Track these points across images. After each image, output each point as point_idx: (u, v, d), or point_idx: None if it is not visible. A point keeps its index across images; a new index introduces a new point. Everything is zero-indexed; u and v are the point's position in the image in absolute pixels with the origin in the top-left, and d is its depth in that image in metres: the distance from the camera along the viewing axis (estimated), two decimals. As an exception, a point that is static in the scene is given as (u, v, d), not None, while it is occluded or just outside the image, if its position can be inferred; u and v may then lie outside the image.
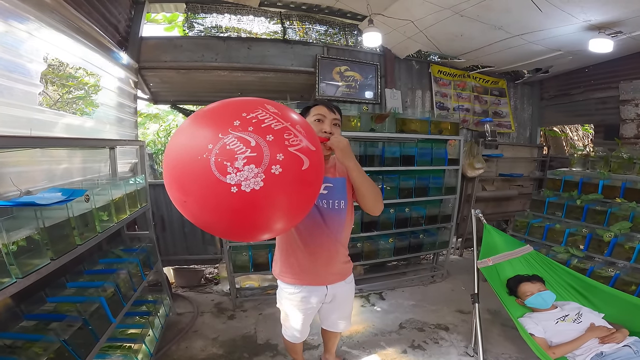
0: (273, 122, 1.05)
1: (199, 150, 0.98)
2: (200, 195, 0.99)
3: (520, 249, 2.42)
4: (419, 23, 3.29)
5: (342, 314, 1.74)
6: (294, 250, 1.53)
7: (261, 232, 1.08)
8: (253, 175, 0.93)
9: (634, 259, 2.52)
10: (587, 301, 2.23)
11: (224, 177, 0.93)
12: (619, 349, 1.76)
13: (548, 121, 5.42)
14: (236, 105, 1.14)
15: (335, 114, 1.51)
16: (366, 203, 1.47)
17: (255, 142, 0.98)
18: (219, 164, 0.95)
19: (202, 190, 0.97)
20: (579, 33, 3.28)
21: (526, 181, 5.09)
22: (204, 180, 0.95)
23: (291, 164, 0.99)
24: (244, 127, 1.02)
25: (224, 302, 3.15)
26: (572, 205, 3.03)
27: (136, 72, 3.26)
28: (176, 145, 1.06)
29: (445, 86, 4.54)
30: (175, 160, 1.04)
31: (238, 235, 1.17)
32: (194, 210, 1.04)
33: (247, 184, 0.93)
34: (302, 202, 1.08)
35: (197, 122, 1.10)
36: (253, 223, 1.02)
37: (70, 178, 2.11)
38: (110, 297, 1.81)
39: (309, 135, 1.09)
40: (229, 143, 0.98)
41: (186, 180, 1.01)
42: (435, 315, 2.88)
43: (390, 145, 3.25)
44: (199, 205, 1.02)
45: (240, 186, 0.92)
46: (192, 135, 1.06)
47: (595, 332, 1.88)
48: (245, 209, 0.96)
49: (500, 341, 2.46)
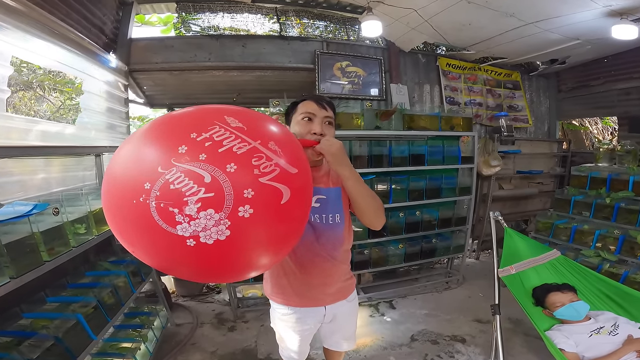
0: (235, 143, 0.78)
1: (132, 191, 0.74)
2: (148, 248, 0.78)
3: (547, 254, 2.22)
4: (422, 12, 3.11)
5: (345, 334, 1.54)
6: (285, 272, 1.32)
7: (241, 275, 0.89)
8: (213, 224, 0.71)
9: None
10: (623, 310, 2.03)
11: (173, 228, 0.71)
12: None
13: (567, 114, 5.22)
14: (183, 120, 0.86)
15: (327, 110, 1.27)
16: (365, 217, 1.26)
17: (212, 176, 0.73)
18: (163, 210, 0.71)
19: (149, 243, 0.76)
20: (598, 19, 3.06)
21: (546, 178, 4.90)
22: (146, 231, 0.74)
23: (265, 200, 0.76)
24: (193, 154, 0.75)
25: (225, 312, 3.04)
26: (600, 203, 2.87)
27: (126, 74, 3.18)
28: (108, 178, 0.83)
29: (455, 80, 4.36)
30: (108, 200, 0.82)
31: (213, 281, 0.96)
32: (146, 261, 0.83)
33: (207, 235, 0.71)
34: (285, 239, 0.87)
35: (133, 146, 0.83)
36: (226, 272, 0.83)
37: (49, 189, 2.00)
38: (91, 313, 1.73)
39: (289, 153, 0.85)
40: (174, 180, 0.72)
41: (124, 228, 0.79)
42: (451, 326, 2.71)
43: (398, 144, 3.08)
44: (150, 258, 0.82)
45: (198, 238, 0.71)
46: (125, 167, 0.80)
47: (633, 345, 1.70)
48: (211, 262, 0.76)
49: (523, 353, 2.31)
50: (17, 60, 1.95)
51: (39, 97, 4.48)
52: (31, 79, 4.08)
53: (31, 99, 4.50)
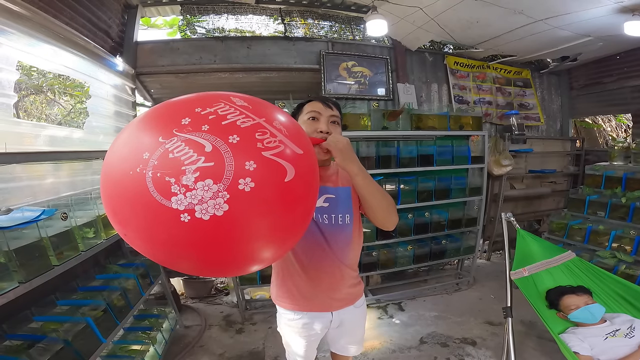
0: (240, 118, 0.75)
1: (130, 162, 0.70)
2: (140, 226, 0.72)
3: (561, 255, 2.15)
4: (428, 10, 3.07)
5: (352, 340, 1.51)
6: (291, 275, 1.29)
7: (241, 267, 0.82)
8: (211, 196, 0.65)
9: None
10: (639, 313, 1.96)
11: (167, 201, 0.66)
12: None
13: (580, 112, 5.12)
14: (189, 99, 0.85)
15: (333, 110, 1.26)
16: (376, 216, 1.21)
17: (213, 145, 0.69)
18: (158, 180, 0.67)
19: (141, 219, 0.70)
20: (610, 16, 3.00)
21: (559, 177, 4.80)
22: (140, 205, 0.69)
23: (268, 175, 0.70)
24: (195, 125, 0.72)
25: (233, 314, 3.04)
26: (616, 203, 2.80)
27: (133, 78, 3.19)
28: (108, 157, 0.80)
29: (464, 78, 4.29)
30: (105, 178, 0.78)
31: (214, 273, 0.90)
32: (139, 245, 0.77)
33: (204, 208, 0.65)
34: (289, 225, 0.80)
35: (135, 125, 0.82)
36: (225, 259, 0.75)
37: (58, 193, 2.01)
38: (100, 316, 1.73)
39: (295, 135, 0.82)
40: (173, 149, 0.69)
41: (118, 205, 0.74)
42: (461, 328, 2.66)
43: (406, 144, 3.05)
44: (142, 239, 0.75)
45: (193, 212, 0.65)
46: (125, 142, 0.77)
47: None
48: (208, 243, 0.69)
49: (536, 356, 2.27)
50: (27, 65, 1.97)
51: (50, 101, 4.54)
52: (41, 83, 4.13)
53: (42, 102, 4.56)
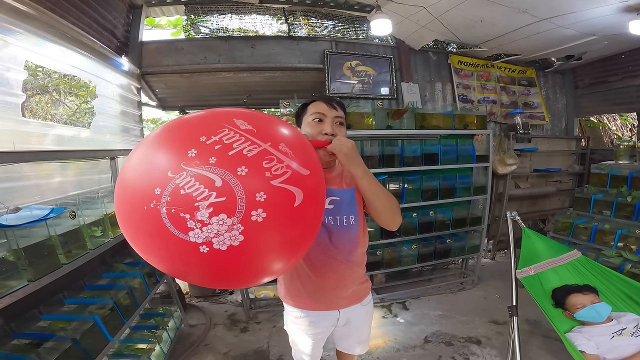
0: (246, 146, 0.77)
1: (143, 197, 0.73)
2: (160, 255, 0.77)
3: (567, 254, 2.14)
4: (432, 9, 3.06)
5: (359, 338, 1.51)
6: (298, 275, 1.31)
7: (255, 281, 0.87)
8: (226, 229, 0.69)
9: None
10: None
11: (185, 235, 0.69)
12: None
13: (585, 111, 5.08)
14: (191, 125, 0.84)
15: (338, 110, 1.25)
16: (380, 217, 1.23)
17: (222, 180, 0.71)
18: (174, 216, 0.70)
19: (161, 249, 0.75)
20: (614, 15, 2.98)
21: (564, 176, 4.78)
22: (159, 238, 0.72)
23: (278, 203, 0.74)
24: (203, 158, 0.74)
25: (238, 313, 3.05)
26: (622, 202, 2.79)
27: (139, 78, 3.21)
28: (119, 184, 0.82)
29: (468, 77, 4.28)
30: (119, 207, 0.81)
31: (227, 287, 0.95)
32: (161, 268, 0.82)
33: (220, 240, 0.69)
34: (300, 242, 0.85)
35: (143, 153, 0.82)
36: (240, 278, 0.82)
37: (65, 192, 2.03)
38: (108, 315, 1.74)
39: (300, 154, 0.84)
40: (184, 185, 0.71)
41: (137, 235, 0.78)
42: (466, 327, 2.65)
43: (410, 143, 3.04)
44: (163, 265, 0.80)
45: (211, 244, 0.69)
46: (135, 173, 0.79)
47: None
48: (225, 268, 0.75)
49: (541, 355, 2.26)
50: (32, 65, 1.99)
51: (55, 100, 4.57)
52: (47, 83, 4.16)
53: (47, 102, 4.59)
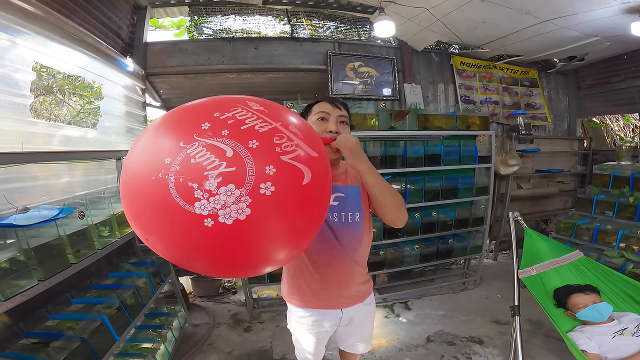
0: (257, 123, 0.78)
1: (152, 167, 0.73)
2: (163, 231, 0.74)
3: (569, 255, 2.16)
4: (435, 11, 3.07)
5: (361, 337, 1.53)
6: (302, 272, 1.32)
7: (257, 268, 0.85)
8: (234, 201, 0.67)
9: None
10: None
11: (190, 206, 0.68)
12: None
13: (587, 112, 5.09)
14: (206, 104, 0.87)
15: (342, 110, 1.28)
16: (386, 213, 1.23)
17: (233, 150, 0.71)
18: (181, 185, 0.69)
19: (164, 224, 0.72)
20: (617, 16, 2.98)
21: (567, 177, 4.78)
22: (163, 211, 0.70)
23: (287, 178, 0.73)
24: (216, 130, 0.75)
25: (241, 312, 3.07)
26: (624, 203, 2.79)
27: (143, 78, 3.23)
28: (128, 161, 0.82)
29: (470, 78, 4.29)
30: (126, 182, 0.80)
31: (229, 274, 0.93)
32: (160, 250, 0.79)
33: (227, 213, 0.67)
34: (306, 227, 0.83)
35: (154, 129, 0.84)
36: (244, 261, 0.78)
37: (72, 193, 2.05)
38: (114, 314, 1.76)
39: (309, 138, 0.84)
40: (195, 154, 0.71)
41: (140, 210, 0.76)
42: (468, 327, 2.67)
43: (413, 144, 3.05)
44: (164, 244, 0.78)
45: (217, 217, 0.67)
46: (145, 146, 0.80)
47: None
48: (230, 246, 0.71)
49: (543, 355, 2.27)
50: (37, 65, 2.02)
51: (59, 101, 4.60)
52: (51, 84, 4.19)
53: (52, 103, 4.62)
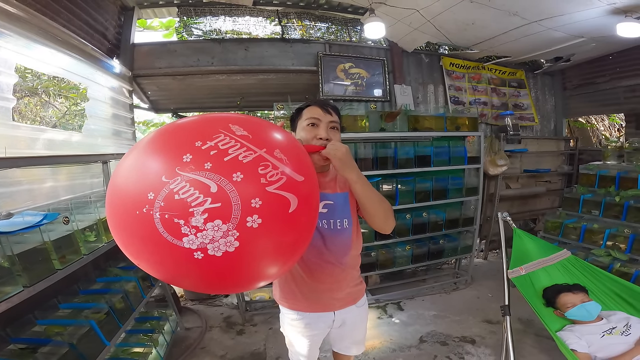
0: (241, 152, 0.77)
1: (136, 202, 0.72)
2: (153, 261, 0.75)
3: (557, 254, 2.19)
4: (425, 12, 3.10)
5: (354, 339, 1.53)
6: (293, 277, 1.32)
7: (250, 286, 0.87)
8: (222, 235, 0.68)
9: None
10: (635, 310, 2.00)
11: (179, 241, 0.68)
12: None
13: (573, 112, 5.18)
14: (187, 130, 0.84)
15: (332, 115, 1.27)
16: (374, 221, 1.25)
17: (218, 185, 0.71)
18: (167, 222, 0.69)
19: (154, 256, 0.74)
20: (603, 17, 3.04)
21: (554, 177, 4.86)
22: (152, 244, 0.71)
23: (273, 209, 0.74)
24: (198, 163, 0.73)
25: (234, 315, 3.04)
26: (610, 202, 2.83)
27: (130, 80, 3.18)
28: (111, 189, 0.80)
29: (459, 79, 4.33)
30: (110, 212, 0.79)
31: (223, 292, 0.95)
32: (153, 273, 0.81)
33: (215, 247, 0.69)
34: (294, 247, 0.85)
35: (135, 157, 0.81)
36: (234, 284, 0.81)
37: (57, 197, 2.01)
38: (103, 319, 1.73)
39: (295, 161, 0.84)
40: (179, 190, 0.70)
41: (128, 240, 0.77)
42: (460, 327, 2.68)
43: (403, 145, 3.07)
44: (156, 271, 0.79)
45: (206, 250, 0.69)
46: (128, 177, 0.78)
47: None
48: (220, 274, 0.74)
49: (534, 354, 2.28)
50: (21, 67, 1.98)
51: (44, 103, 4.50)
52: (36, 85, 4.10)
53: (37, 105, 4.52)
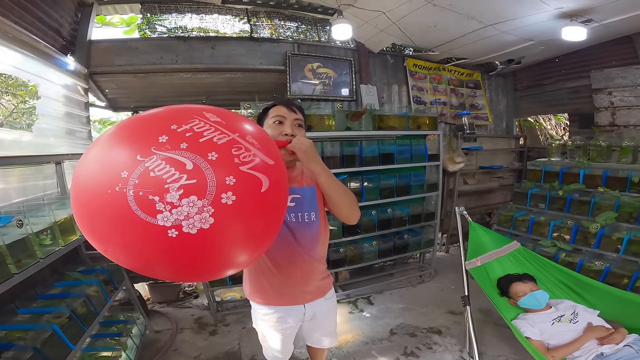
0: (216, 135, 0.80)
1: (107, 181, 0.71)
2: (124, 243, 0.74)
3: (508, 245, 2.34)
4: (391, 14, 3.19)
5: (325, 331, 1.59)
6: (263, 272, 1.36)
7: (220, 272, 0.87)
8: (197, 211, 0.69)
9: (622, 250, 2.46)
10: (580, 298, 2.17)
11: (152, 218, 0.68)
12: (619, 349, 1.69)
13: (523, 112, 5.47)
14: (161, 115, 0.87)
15: (297, 113, 1.32)
16: (340, 211, 1.30)
17: (193, 163, 0.73)
18: (141, 199, 0.69)
19: (125, 236, 0.72)
20: (550, 21, 3.22)
21: (506, 173, 5.12)
22: (123, 224, 0.70)
23: (246, 187, 0.77)
24: (174, 143, 0.75)
25: (205, 316, 2.99)
26: (554, 196, 2.99)
27: (86, 78, 3.03)
28: (78, 174, 0.79)
29: (422, 80, 4.49)
30: (77, 196, 0.77)
31: (191, 279, 0.94)
32: (122, 260, 0.79)
33: (190, 223, 0.69)
34: (266, 230, 0.87)
35: (106, 142, 0.81)
36: (207, 266, 0.80)
37: (8, 200, 1.90)
38: (66, 323, 1.68)
39: (266, 146, 0.88)
40: (154, 168, 0.71)
41: (96, 223, 0.75)
42: (427, 318, 2.79)
43: (369, 144, 3.14)
44: (126, 255, 0.77)
45: (180, 227, 0.68)
46: (97, 159, 0.78)
47: (593, 333, 1.81)
48: (194, 254, 0.73)
49: (494, 342, 2.39)
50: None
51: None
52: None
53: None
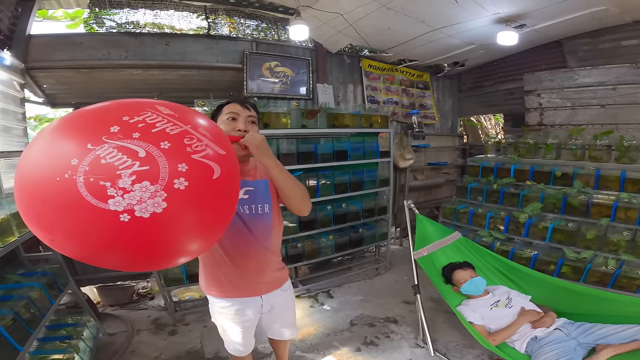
0: (168, 126, 0.82)
1: (55, 169, 0.71)
2: (72, 230, 0.73)
3: (450, 236, 2.52)
4: (348, 16, 3.27)
5: (285, 323, 1.64)
6: (218, 264, 1.38)
7: (172, 260, 0.87)
8: (149, 196, 0.70)
9: (548, 238, 2.74)
10: (513, 284, 2.35)
11: (104, 203, 0.68)
12: (550, 332, 1.84)
13: (466, 112, 5.83)
14: (112, 107, 0.87)
15: (250, 110, 1.37)
16: (292, 203, 1.35)
17: (146, 151, 0.74)
18: (92, 185, 0.69)
19: (73, 223, 0.71)
20: (489, 26, 3.43)
21: (451, 168, 5.45)
22: (71, 210, 0.70)
23: (198, 174, 0.79)
24: (126, 133, 0.77)
25: (163, 317, 2.92)
26: (490, 189, 3.23)
27: (23, 73, 2.81)
28: (23, 165, 0.78)
29: (376, 80, 4.65)
30: (22, 185, 0.76)
31: (142, 267, 0.94)
32: (69, 249, 0.77)
33: (143, 207, 0.70)
34: (218, 218, 0.89)
35: (52, 132, 0.81)
36: (159, 253, 0.80)
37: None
38: (11, 325, 1.63)
39: (217, 138, 0.91)
40: (105, 155, 0.72)
41: (43, 211, 0.74)
42: (384, 309, 2.90)
43: (326, 141, 3.22)
44: (74, 243, 0.76)
45: (132, 212, 0.69)
46: (43, 150, 0.77)
47: (526, 317, 1.95)
48: (146, 239, 0.74)
49: (445, 329, 2.51)
50: None
51: None
52: None
53: None
